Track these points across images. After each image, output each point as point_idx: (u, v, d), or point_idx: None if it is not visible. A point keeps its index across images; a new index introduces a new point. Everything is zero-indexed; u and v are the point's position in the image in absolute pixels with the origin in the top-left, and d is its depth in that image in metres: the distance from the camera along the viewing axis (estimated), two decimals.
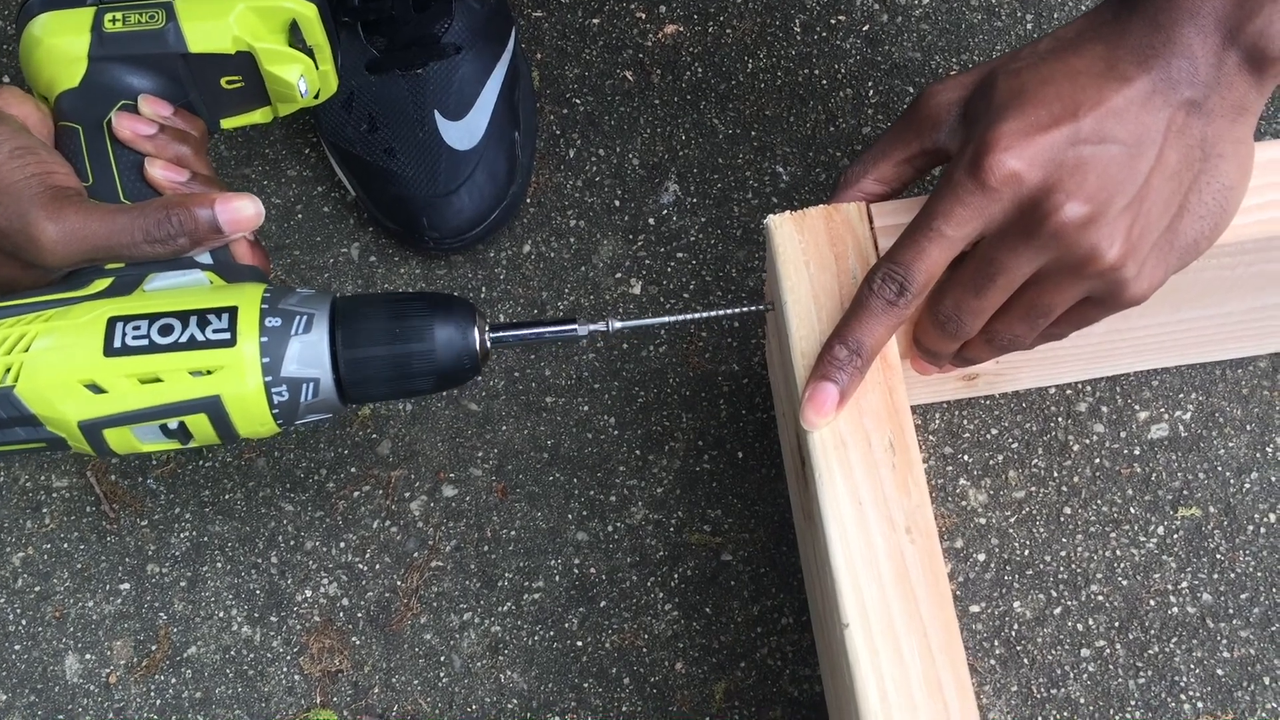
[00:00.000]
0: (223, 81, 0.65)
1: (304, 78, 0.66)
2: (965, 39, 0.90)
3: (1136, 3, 0.56)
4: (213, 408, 0.56)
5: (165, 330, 0.55)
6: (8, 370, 0.55)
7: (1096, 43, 0.56)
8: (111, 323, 0.56)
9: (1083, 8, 0.91)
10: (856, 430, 0.59)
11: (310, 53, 0.66)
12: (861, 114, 0.88)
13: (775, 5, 0.92)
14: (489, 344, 0.60)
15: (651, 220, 0.87)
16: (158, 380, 0.55)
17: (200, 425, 0.57)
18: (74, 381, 0.55)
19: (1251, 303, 0.72)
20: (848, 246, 0.62)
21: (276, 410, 0.57)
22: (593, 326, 0.62)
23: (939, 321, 0.61)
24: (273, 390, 0.56)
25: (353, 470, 0.81)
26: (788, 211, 0.63)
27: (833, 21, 0.91)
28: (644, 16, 0.92)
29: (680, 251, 0.86)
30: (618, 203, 0.87)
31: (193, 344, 0.55)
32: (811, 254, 0.62)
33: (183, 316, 0.56)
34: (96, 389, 0.55)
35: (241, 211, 0.59)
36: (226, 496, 0.81)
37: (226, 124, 0.68)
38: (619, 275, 0.85)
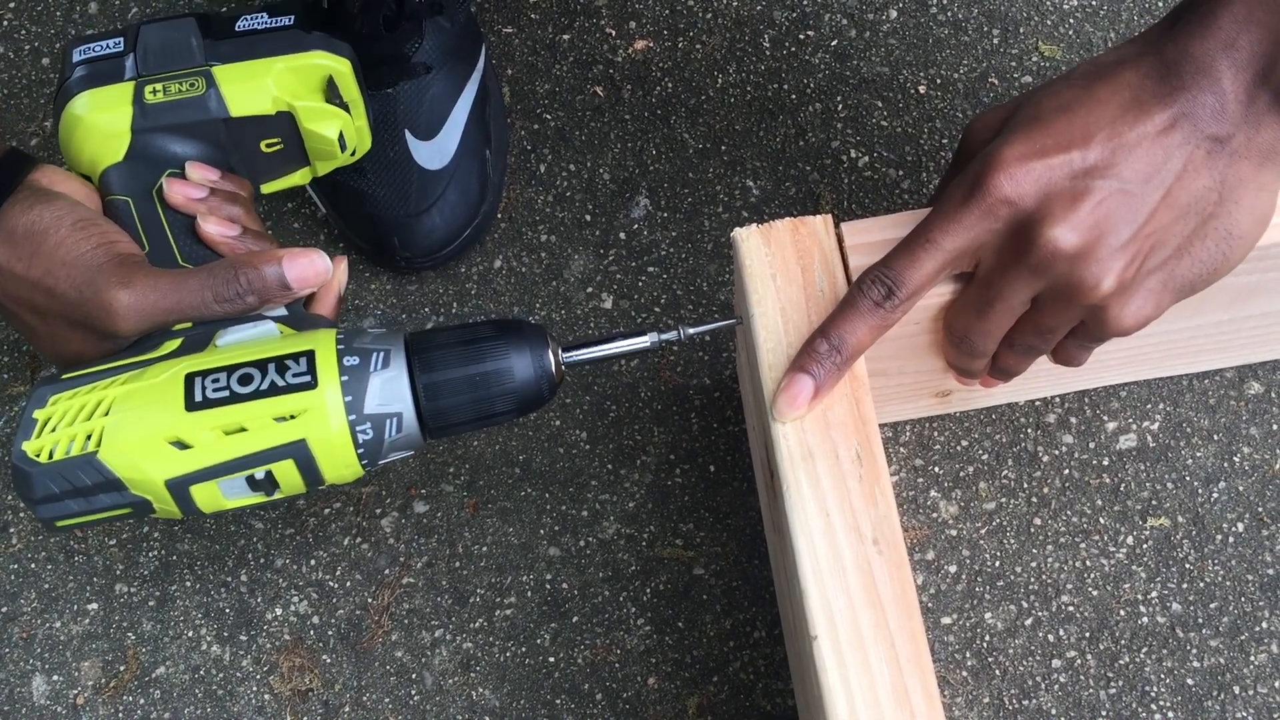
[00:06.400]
0: (263, 145, 0.67)
1: (343, 133, 0.67)
2: (932, 53, 0.91)
3: (1177, 31, 0.55)
4: (299, 452, 0.56)
5: (245, 380, 0.55)
6: (89, 436, 0.55)
7: (1129, 70, 0.55)
8: (190, 378, 0.55)
9: (1049, 23, 0.92)
10: (824, 442, 0.59)
11: (346, 108, 0.67)
12: (831, 128, 0.89)
13: (745, 21, 0.92)
14: (563, 365, 0.60)
15: (622, 234, 0.87)
16: (242, 430, 0.55)
17: (287, 473, 0.56)
18: (158, 440, 0.55)
19: (1220, 315, 0.73)
20: (814, 259, 0.62)
21: (361, 450, 0.57)
22: (664, 336, 0.61)
23: (954, 341, 0.63)
24: (357, 429, 0.56)
25: (323, 487, 0.81)
26: (754, 224, 0.63)
27: (801, 37, 0.92)
28: (614, 32, 0.93)
29: (651, 266, 0.86)
30: (589, 217, 0.87)
31: (274, 390, 0.55)
32: (778, 267, 0.62)
33: (260, 365, 0.56)
34: (181, 445, 0.55)
35: (309, 268, 0.59)
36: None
37: (267, 189, 0.70)
38: (590, 290, 0.85)
